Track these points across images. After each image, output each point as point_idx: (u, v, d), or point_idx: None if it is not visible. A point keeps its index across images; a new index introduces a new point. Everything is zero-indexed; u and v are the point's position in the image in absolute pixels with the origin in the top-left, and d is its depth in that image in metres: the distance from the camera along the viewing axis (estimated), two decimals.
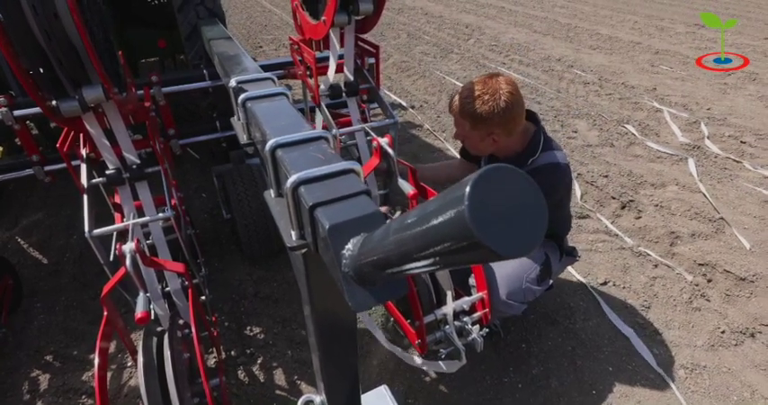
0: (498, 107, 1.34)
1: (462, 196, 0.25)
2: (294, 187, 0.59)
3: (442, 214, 0.27)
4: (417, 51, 6.33)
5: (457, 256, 0.28)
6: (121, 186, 1.54)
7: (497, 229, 0.24)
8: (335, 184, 0.59)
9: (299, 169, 0.61)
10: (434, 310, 1.34)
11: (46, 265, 2.37)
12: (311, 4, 1.62)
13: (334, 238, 0.51)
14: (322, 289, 0.73)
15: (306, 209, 0.56)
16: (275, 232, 2.18)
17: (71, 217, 2.75)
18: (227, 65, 1.27)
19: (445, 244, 0.28)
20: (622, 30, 7.77)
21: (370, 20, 1.52)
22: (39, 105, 1.19)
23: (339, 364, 0.95)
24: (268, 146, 0.70)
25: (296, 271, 0.77)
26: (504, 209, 0.25)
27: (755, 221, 2.75)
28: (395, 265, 0.37)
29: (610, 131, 3.91)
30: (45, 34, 1.10)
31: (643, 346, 1.89)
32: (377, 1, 1.45)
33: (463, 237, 0.25)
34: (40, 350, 1.88)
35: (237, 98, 0.95)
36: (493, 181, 0.25)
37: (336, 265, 0.50)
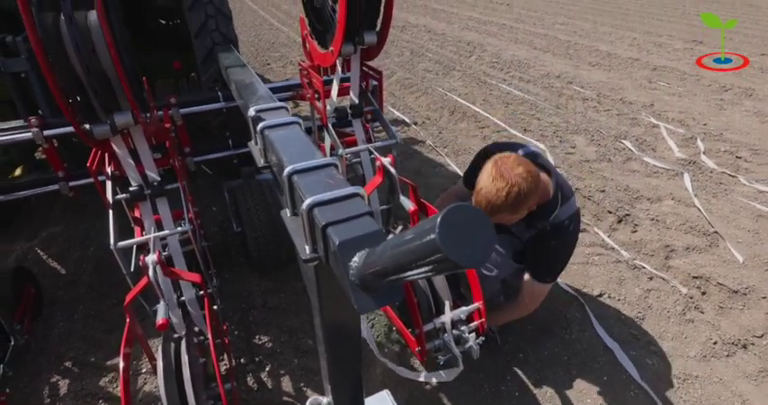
0: (525, 191, 1.40)
1: (434, 227, 0.35)
2: (309, 209, 0.70)
3: (421, 239, 0.37)
4: (420, 68, 6.50)
5: (434, 266, 0.38)
6: (143, 202, 1.66)
7: (459, 249, 0.35)
8: (344, 207, 0.70)
9: (312, 193, 0.72)
10: (433, 320, 1.43)
11: (64, 276, 2.49)
12: (320, 35, 1.75)
13: (343, 252, 0.61)
14: (330, 297, 0.83)
15: (319, 227, 0.67)
16: (283, 245, 2.29)
17: (88, 230, 2.87)
18: (244, 93, 1.40)
19: (425, 258, 0.38)
20: (621, 46, 7.93)
21: (374, 49, 1.64)
22: (75, 129, 1.32)
23: (345, 368, 1.04)
24: (285, 172, 0.81)
25: (307, 281, 0.87)
26: (462, 234, 0.35)
27: (749, 235, 2.83)
28: (392, 275, 0.48)
29: (607, 147, 4.01)
30: (85, 68, 1.23)
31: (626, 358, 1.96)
32: (380, 33, 1.58)
33: (436, 254, 0.36)
34: (60, 356, 1.98)
35: (256, 126, 1.06)
36: (455, 216, 0.36)
37: (345, 275, 0.61)
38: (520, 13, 11.37)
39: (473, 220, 0.36)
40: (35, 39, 1.15)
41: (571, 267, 2.50)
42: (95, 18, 1.29)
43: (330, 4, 1.52)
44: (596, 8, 12.25)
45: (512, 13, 11.24)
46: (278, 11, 12.00)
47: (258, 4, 13.26)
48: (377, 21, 1.56)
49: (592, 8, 12.23)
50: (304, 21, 1.89)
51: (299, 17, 1.93)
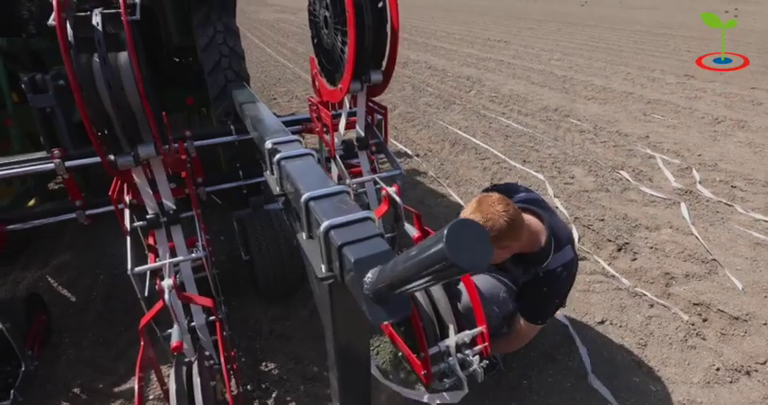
0: (499, 227, 1.43)
1: (441, 238, 0.43)
2: (326, 231, 0.78)
3: (430, 250, 0.45)
4: (421, 102, 6.72)
5: (441, 273, 0.46)
6: (158, 229, 1.74)
7: (462, 255, 0.42)
8: (357, 229, 0.77)
9: (328, 217, 0.79)
10: (438, 343, 1.47)
11: (74, 303, 2.53)
12: (329, 73, 1.88)
13: (358, 269, 0.68)
14: (342, 314, 0.90)
15: (335, 247, 0.74)
16: (290, 273, 2.35)
17: (98, 258, 2.93)
18: (259, 127, 1.50)
19: (434, 266, 0.45)
20: (615, 80, 8.20)
21: (380, 86, 1.76)
22: (101, 160, 1.41)
23: (354, 386, 1.09)
24: (303, 198, 0.89)
25: (320, 300, 0.94)
26: (465, 243, 0.43)
27: (747, 263, 2.87)
28: (403, 285, 0.55)
29: (605, 177, 4.11)
30: (115, 104, 1.34)
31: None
32: (386, 72, 1.70)
33: (443, 261, 0.43)
34: (68, 383, 2.00)
35: (273, 157, 1.16)
36: (458, 229, 0.43)
37: (360, 290, 0.67)
38: (517, 49, 11.81)
39: (473, 233, 0.44)
40: (73, 77, 1.26)
41: (573, 295, 2.53)
42: (125, 59, 1.42)
43: (340, 46, 1.65)
44: (590, 45, 12.72)
45: (509, 50, 11.67)
46: (283, 48, 12.49)
47: (265, 42, 13.81)
48: (383, 61, 1.69)
49: (586, 45, 12.70)
50: (314, 60, 2.03)
51: (309, 57, 2.08)
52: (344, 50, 1.60)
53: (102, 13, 1.37)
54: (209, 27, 2.60)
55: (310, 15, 1.93)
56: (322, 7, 1.74)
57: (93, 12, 1.38)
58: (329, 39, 1.75)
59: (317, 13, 1.82)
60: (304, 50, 11.83)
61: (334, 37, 1.68)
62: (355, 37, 1.48)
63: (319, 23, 1.83)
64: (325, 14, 1.72)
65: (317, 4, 1.80)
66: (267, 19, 22.16)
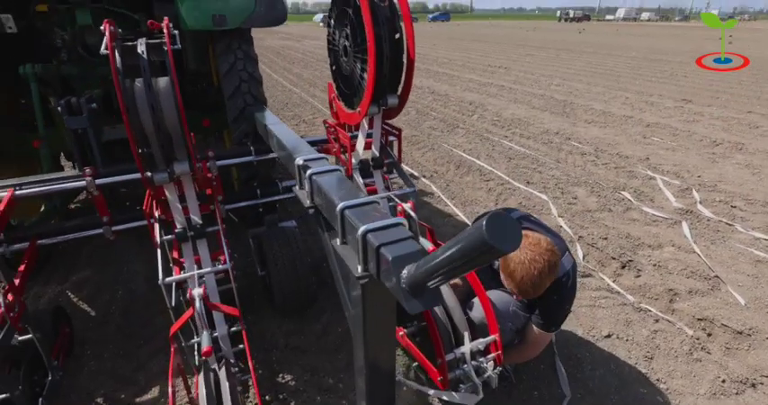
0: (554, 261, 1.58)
1: (482, 227, 0.53)
2: (363, 234, 0.88)
3: (471, 236, 0.55)
4: (426, 126, 6.90)
5: (481, 256, 0.55)
6: (185, 242, 1.84)
7: (498, 239, 0.52)
8: (391, 232, 0.87)
9: (364, 223, 0.90)
10: (454, 350, 1.54)
11: (94, 317, 2.60)
12: (347, 98, 2.02)
13: (395, 266, 0.78)
14: (373, 311, 0.99)
15: (373, 248, 0.84)
16: (305, 288, 2.43)
17: (115, 275, 3.01)
18: (287, 147, 1.62)
19: (472, 252, 0.55)
20: (615, 105, 8.41)
21: (395, 110, 1.89)
22: (142, 176, 1.53)
23: (380, 385, 1.16)
24: (338, 208, 0.99)
25: (353, 299, 1.03)
26: (499, 229, 0.53)
27: (749, 279, 2.94)
28: (443, 273, 0.64)
29: (607, 197, 4.22)
30: (156, 124, 1.47)
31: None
32: (401, 96, 1.83)
33: (483, 244, 0.53)
34: (91, 393, 2.05)
35: (304, 173, 1.27)
36: (495, 218, 0.53)
37: (397, 284, 0.77)
38: (517, 75, 12.14)
39: (505, 223, 0.54)
40: (122, 99, 1.39)
41: (579, 310, 2.60)
42: (164, 84, 1.55)
43: (359, 73, 1.78)
44: (589, 70, 13.07)
45: (510, 76, 11.99)
46: (290, 74, 12.86)
47: (271, 68, 14.22)
48: (399, 86, 1.83)
49: (585, 70, 13.05)
50: (332, 85, 2.17)
51: (328, 83, 2.22)
52: (364, 77, 1.74)
53: (147, 42, 1.51)
54: (230, 54, 2.77)
55: (329, 44, 2.08)
56: (342, 37, 1.89)
57: (138, 41, 1.52)
58: (348, 66, 1.89)
59: (337, 42, 1.97)
60: (309, 76, 12.17)
61: (354, 64, 1.82)
62: (375, 65, 1.62)
63: (339, 52, 1.98)
64: (345, 44, 1.87)
65: (337, 34, 1.95)
66: (273, 45, 22.84)
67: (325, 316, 2.58)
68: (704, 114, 7.74)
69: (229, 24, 2.60)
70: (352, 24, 1.74)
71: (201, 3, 2.58)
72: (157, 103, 1.50)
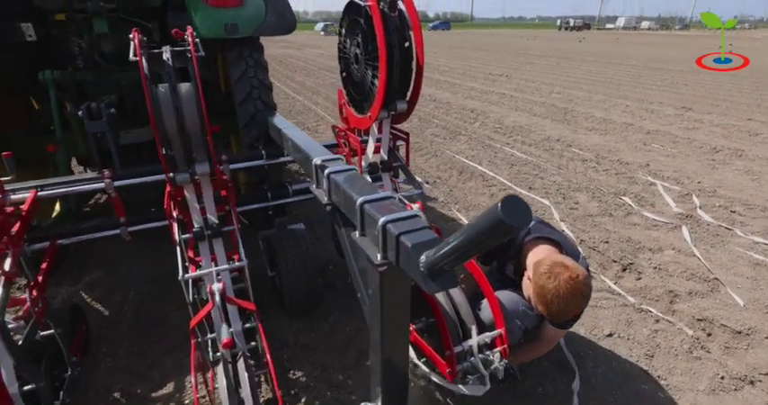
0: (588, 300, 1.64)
1: (497, 208, 0.61)
2: (383, 225, 0.95)
3: (487, 216, 0.63)
4: (428, 133, 7.00)
5: (496, 233, 0.63)
6: (202, 241, 1.91)
7: (511, 218, 0.59)
8: (409, 223, 0.95)
9: (384, 215, 0.97)
10: (461, 343, 1.61)
11: (108, 317, 2.67)
12: (357, 103, 2.10)
13: (415, 252, 0.85)
14: (390, 298, 1.06)
15: (393, 237, 0.91)
16: (314, 288, 2.49)
17: (126, 277, 3.08)
18: (304, 148, 1.70)
19: (489, 230, 0.63)
20: (615, 112, 8.51)
21: (404, 114, 1.98)
22: (166, 176, 1.61)
23: (394, 372, 1.23)
24: (358, 202, 1.07)
25: (368, 290, 1.10)
26: (512, 209, 0.60)
27: (748, 281, 3.00)
28: (461, 253, 0.71)
29: (608, 203, 4.29)
30: (180, 127, 1.55)
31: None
32: (410, 102, 1.92)
33: (498, 222, 0.60)
34: (108, 389, 2.11)
35: (323, 172, 1.35)
36: (508, 203, 0.61)
37: (416, 268, 0.84)
38: (518, 83, 12.27)
39: (517, 205, 0.62)
40: (150, 103, 1.48)
41: None
42: (185, 89, 1.64)
43: (370, 79, 1.87)
44: (590, 79, 13.21)
45: (511, 84, 12.13)
46: (292, 82, 13.02)
47: (274, 77, 14.38)
48: (408, 92, 1.91)
49: (585, 79, 13.18)
50: (342, 92, 2.26)
51: (338, 89, 2.31)
52: (375, 83, 1.82)
53: (172, 50, 1.60)
54: (241, 62, 2.87)
55: (340, 52, 2.17)
56: (353, 45, 1.98)
57: (163, 49, 1.61)
58: (359, 73, 1.98)
59: (348, 50, 2.06)
60: (311, 84, 12.32)
61: (365, 71, 1.91)
62: (386, 72, 1.70)
63: (349, 59, 2.07)
64: (356, 52, 1.96)
65: (348, 43, 2.04)
66: (274, 54, 23.07)
67: (332, 316, 2.64)
68: (704, 122, 7.83)
69: (241, 33, 2.71)
70: (364, 33, 1.84)
71: (215, 12, 2.69)
72: (180, 106, 1.58)
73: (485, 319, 1.79)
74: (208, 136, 1.59)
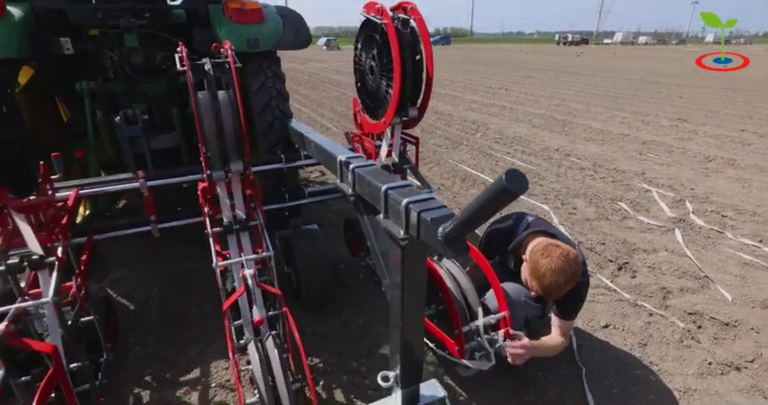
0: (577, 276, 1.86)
1: (502, 178, 0.80)
2: (406, 205, 1.14)
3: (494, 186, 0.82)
4: (431, 143, 7.22)
5: (498, 201, 0.82)
6: (231, 235, 2.10)
7: (513, 186, 0.78)
8: (427, 203, 1.14)
9: (406, 197, 1.16)
10: (469, 323, 1.78)
11: (134, 311, 2.83)
12: (371, 110, 2.31)
13: (434, 225, 1.04)
14: (411, 270, 1.24)
15: (415, 214, 1.10)
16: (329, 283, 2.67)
17: (149, 275, 3.25)
18: (328, 149, 1.90)
19: (496, 197, 0.81)
20: (612, 124, 8.76)
21: (414, 120, 2.18)
22: (204, 173, 1.80)
23: (411, 342, 1.40)
24: (382, 189, 1.26)
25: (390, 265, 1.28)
26: (514, 180, 0.79)
27: (737, 279, 3.17)
28: (475, 220, 0.90)
29: (605, 208, 4.48)
30: (218, 129, 1.75)
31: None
32: (420, 108, 2.12)
33: (503, 189, 0.79)
34: (139, 374, 2.27)
35: (347, 167, 1.54)
36: (510, 173, 0.80)
37: (436, 238, 1.03)
38: (518, 96, 12.57)
39: (517, 176, 0.80)
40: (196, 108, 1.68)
41: None
42: (223, 96, 1.84)
43: (384, 89, 2.08)
44: (588, 92, 13.51)
45: (511, 97, 12.42)
46: (297, 95, 13.30)
47: None
48: (418, 100, 2.12)
49: (583, 92, 13.49)
50: (356, 100, 2.47)
51: (353, 98, 2.52)
52: (389, 92, 2.03)
53: (212, 61, 1.81)
54: (260, 74, 3.09)
55: (356, 64, 2.39)
56: (369, 58, 2.19)
57: (204, 60, 1.82)
58: (374, 83, 2.19)
59: (364, 63, 2.27)
60: (316, 97, 12.62)
61: (380, 81, 2.12)
62: (400, 82, 1.91)
63: (365, 71, 2.28)
64: (372, 64, 2.17)
65: (364, 56, 2.25)
66: None
67: (345, 310, 2.81)
68: (698, 132, 8.06)
69: (262, 47, 2.93)
70: (379, 48, 2.05)
71: (237, 28, 2.92)
72: (219, 111, 1.78)
73: (490, 307, 1.96)
74: (245, 137, 1.79)
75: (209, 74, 1.77)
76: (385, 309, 2.57)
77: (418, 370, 1.49)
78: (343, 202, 4.38)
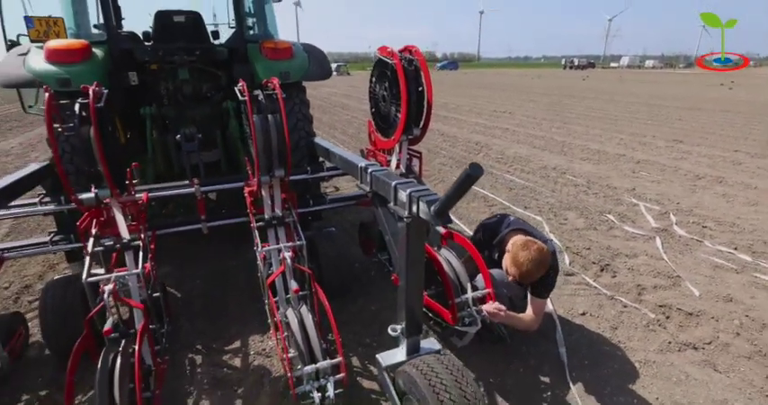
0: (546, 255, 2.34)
1: (467, 168, 1.29)
2: (409, 193, 1.64)
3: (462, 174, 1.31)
4: (436, 163, 7.76)
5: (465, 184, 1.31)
6: (270, 228, 2.61)
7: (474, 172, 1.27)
8: (422, 192, 1.64)
9: (409, 188, 1.67)
10: (460, 296, 2.25)
11: (181, 298, 3.33)
12: (383, 130, 2.85)
13: (428, 205, 1.53)
14: (413, 244, 1.73)
15: (415, 199, 1.60)
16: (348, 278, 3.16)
17: (192, 270, 3.76)
18: (349, 159, 2.43)
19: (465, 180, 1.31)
20: (610, 145, 9.23)
21: (418, 138, 2.71)
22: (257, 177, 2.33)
23: (413, 301, 1.88)
24: (393, 184, 1.77)
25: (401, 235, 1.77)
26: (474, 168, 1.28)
27: (706, 279, 3.59)
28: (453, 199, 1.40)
29: (594, 219, 4.93)
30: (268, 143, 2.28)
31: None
32: (422, 128, 2.65)
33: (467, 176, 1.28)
34: (190, 344, 2.75)
35: (367, 171, 2.06)
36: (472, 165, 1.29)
37: (429, 214, 1.52)
38: (521, 119, 13.15)
39: (476, 167, 1.30)
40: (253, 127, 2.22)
41: (561, 298, 3.27)
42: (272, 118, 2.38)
43: (394, 113, 2.62)
44: (588, 115, 14.06)
45: (514, 120, 13.00)
46: None
47: None
48: (420, 122, 2.65)
49: (584, 115, 14.03)
50: (371, 123, 3.01)
51: (368, 121, 3.06)
52: (397, 115, 2.56)
53: (264, 92, 2.37)
54: (290, 100, 3.66)
55: (370, 94, 2.94)
56: (381, 89, 2.74)
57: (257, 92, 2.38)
58: (385, 108, 2.73)
59: (377, 92, 2.82)
60: (328, 120, 13.33)
61: (390, 107, 2.66)
62: (406, 107, 2.44)
63: (378, 98, 2.83)
64: (384, 94, 2.72)
65: (378, 87, 2.81)
66: None
67: (360, 300, 3.28)
68: (692, 153, 8.49)
69: (292, 79, 3.52)
70: (390, 81, 2.60)
71: (272, 63, 3.51)
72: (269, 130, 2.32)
73: (479, 286, 2.43)
74: (288, 150, 2.32)
75: (261, 102, 2.32)
76: (392, 299, 3.04)
77: (418, 324, 1.95)
78: (355, 214, 4.91)
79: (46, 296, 2.50)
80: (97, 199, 2.19)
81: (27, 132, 11.69)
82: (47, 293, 2.51)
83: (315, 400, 1.92)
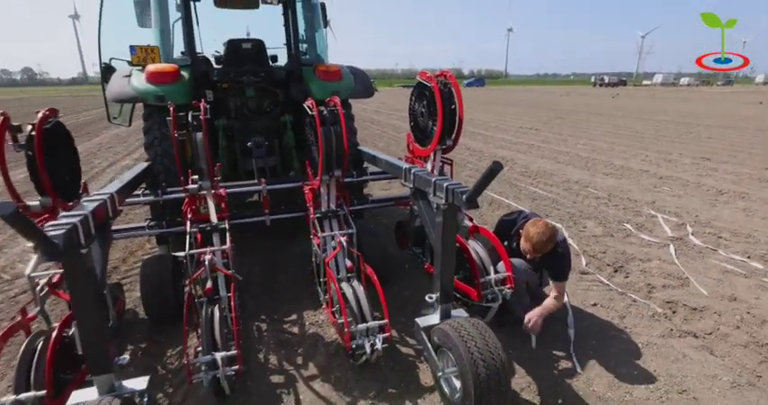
0: (553, 232, 2.82)
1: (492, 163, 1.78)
2: (446, 186, 2.13)
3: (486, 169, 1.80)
4: (463, 175, 8.20)
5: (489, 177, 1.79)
6: (326, 220, 3.14)
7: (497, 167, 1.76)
8: (456, 185, 2.12)
9: (446, 182, 2.16)
10: (484, 277, 2.70)
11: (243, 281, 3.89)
12: (420, 140, 3.36)
13: (462, 194, 2.02)
14: (449, 226, 2.22)
15: (451, 190, 2.09)
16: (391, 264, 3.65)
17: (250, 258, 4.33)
18: (394, 163, 2.95)
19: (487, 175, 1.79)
20: (634, 161, 9.47)
21: (450, 147, 3.20)
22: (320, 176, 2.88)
23: (447, 274, 2.36)
24: (432, 180, 2.27)
25: (435, 224, 2.26)
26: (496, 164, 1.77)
27: (714, 282, 3.90)
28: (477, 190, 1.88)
29: (612, 227, 5.27)
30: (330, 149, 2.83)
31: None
32: (454, 139, 3.15)
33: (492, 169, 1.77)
34: (255, 314, 3.30)
35: (410, 172, 2.57)
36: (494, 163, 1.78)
37: (462, 201, 2.01)
38: (547, 135, 13.47)
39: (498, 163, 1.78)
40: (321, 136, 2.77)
41: (576, 291, 3.65)
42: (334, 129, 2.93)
43: (430, 126, 3.13)
44: (614, 132, 14.24)
45: (539, 136, 13.34)
46: None
47: None
48: (453, 134, 3.15)
49: (610, 132, 14.22)
50: (410, 134, 3.53)
51: (407, 133, 3.58)
52: (433, 129, 3.07)
53: (327, 109, 2.93)
54: None
55: (410, 111, 3.47)
56: (420, 106, 3.27)
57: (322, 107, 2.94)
58: (423, 123, 3.25)
59: (416, 109, 3.35)
60: (360, 134, 13.97)
61: (427, 121, 3.17)
62: (441, 122, 2.95)
63: (417, 114, 3.35)
64: (422, 110, 3.24)
65: (417, 105, 3.33)
66: None
67: (395, 287, 3.75)
68: (718, 170, 8.60)
69: (341, 97, 4.09)
70: (428, 100, 3.11)
71: (324, 84, 4.11)
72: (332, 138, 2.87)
73: (500, 271, 2.88)
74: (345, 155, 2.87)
75: (326, 116, 2.88)
76: (424, 286, 3.50)
77: (450, 293, 2.42)
78: (388, 218, 5.41)
79: (144, 269, 3.09)
80: (200, 188, 2.78)
81: (85, 143, 12.80)
82: (145, 267, 3.11)
83: (366, 350, 2.40)
